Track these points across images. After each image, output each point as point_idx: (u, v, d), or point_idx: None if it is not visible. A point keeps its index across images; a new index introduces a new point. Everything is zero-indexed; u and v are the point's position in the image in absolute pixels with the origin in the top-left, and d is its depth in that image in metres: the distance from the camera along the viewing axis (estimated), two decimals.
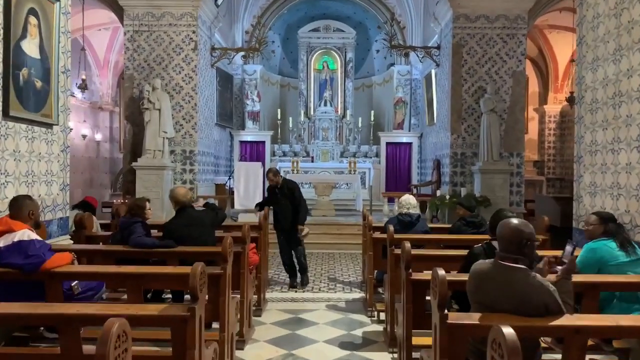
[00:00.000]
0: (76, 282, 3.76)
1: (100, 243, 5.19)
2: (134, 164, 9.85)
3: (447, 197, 9.40)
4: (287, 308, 5.57)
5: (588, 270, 3.72)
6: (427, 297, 3.13)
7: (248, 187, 9.82)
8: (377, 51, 13.57)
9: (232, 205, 9.98)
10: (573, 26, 11.87)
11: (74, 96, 13.02)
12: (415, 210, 5.57)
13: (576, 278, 2.99)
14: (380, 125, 15.76)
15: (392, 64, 15.61)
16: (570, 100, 11.79)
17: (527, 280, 2.46)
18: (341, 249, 9.53)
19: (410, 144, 14.87)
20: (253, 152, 14.95)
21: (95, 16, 12.28)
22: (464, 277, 2.92)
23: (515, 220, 2.68)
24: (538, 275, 2.51)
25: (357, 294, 6.17)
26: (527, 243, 2.55)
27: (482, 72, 10.21)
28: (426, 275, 3.40)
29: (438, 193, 9.83)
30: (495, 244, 3.28)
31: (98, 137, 14.70)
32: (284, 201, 6.63)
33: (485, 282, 2.59)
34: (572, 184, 6.03)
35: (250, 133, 14.81)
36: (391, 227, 4.57)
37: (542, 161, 15.05)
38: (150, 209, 4.90)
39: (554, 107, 14.94)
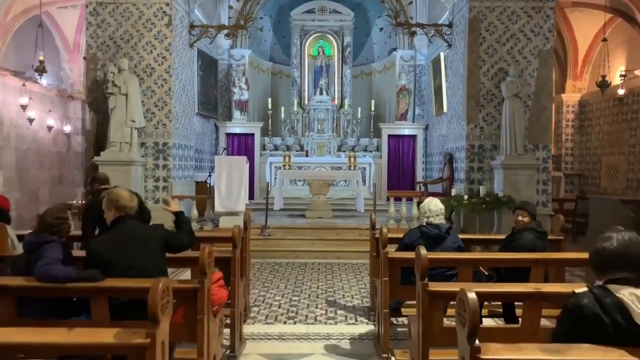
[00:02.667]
0: None
1: (9, 269, 3.73)
2: (95, 158, 8.39)
3: (466, 197, 8.00)
4: (272, 352, 4.14)
5: None
6: None
7: (231, 186, 8.38)
8: (381, 29, 12.15)
9: (213, 208, 8.54)
10: (604, 2, 10.49)
11: (36, 82, 11.51)
12: (443, 220, 4.17)
13: None
14: (381, 117, 14.34)
15: (394, 49, 14.18)
16: (602, 85, 10.42)
17: None
18: (341, 258, 8.13)
19: (414, 136, 13.46)
20: (241, 145, 13.51)
21: None
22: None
23: None
24: None
25: (365, 326, 4.76)
26: None
27: (503, 52, 8.80)
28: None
29: (454, 192, 8.44)
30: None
31: (67, 129, 13.19)
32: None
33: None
34: (593, 182, 4.65)
35: (238, 124, 13.35)
36: (422, 251, 3.14)
37: (559, 155, 13.69)
38: (71, 221, 3.46)
39: (572, 96, 13.56)
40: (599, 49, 12.26)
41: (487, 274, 4.03)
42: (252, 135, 13.50)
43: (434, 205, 4.16)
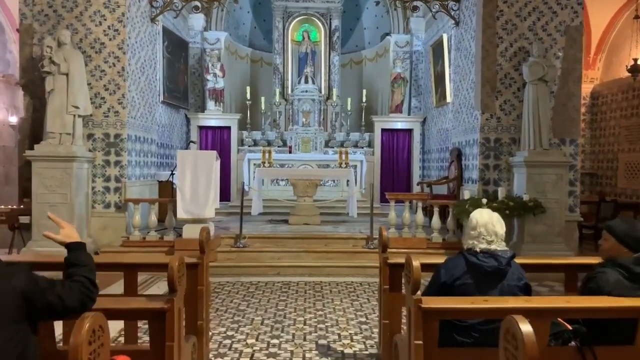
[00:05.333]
0: None
1: None
2: (28, 152, 6.77)
3: (484, 200, 6.57)
4: None
5: None
6: None
7: (197, 187, 6.84)
8: (377, 2, 10.59)
9: (175, 214, 6.99)
10: None
11: None
12: (503, 245, 2.71)
13: None
14: (373, 109, 12.90)
15: (387, 34, 12.75)
16: (634, 70, 9.12)
17: None
18: (331, 275, 6.65)
19: (410, 131, 12.05)
20: (215, 139, 11.95)
21: None
22: None
23: None
24: None
25: None
26: None
27: (524, 28, 7.41)
28: None
29: (465, 194, 7.02)
30: None
31: (14, 120, 11.48)
32: None
33: None
34: (608, 181, 3.22)
35: (212, 116, 11.77)
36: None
37: None
38: None
39: (583, 87, 12.27)
40: (617, 32, 11.00)
41: (571, 328, 2.60)
42: (229, 128, 11.94)
43: (497, 221, 2.71)
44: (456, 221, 7.25)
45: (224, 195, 11.28)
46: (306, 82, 12.30)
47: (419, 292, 2.46)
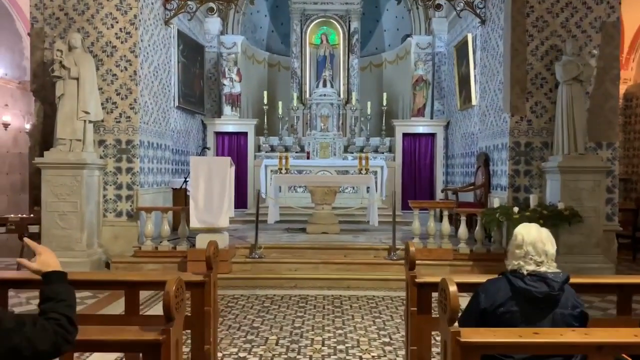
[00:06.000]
0: None
1: None
2: (37, 159, 6.56)
3: (515, 209, 6.14)
4: None
5: None
6: None
7: (211, 195, 6.54)
8: (398, 2, 10.19)
9: (188, 223, 6.69)
10: None
11: None
12: (555, 266, 2.31)
13: None
14: (394, 113, 12.48)
15: (408, 35, 12.36)
16: None
17: None
18: (351, 289, 6.27)
19: (433, 135, 11.61)
20: (232, 145, 11.69)
21: None
22: None
23: None
24: None
25: None
26: None
27: (557, 25, 6.96)
28: None
29: (495, 202, 6.56)
30: None
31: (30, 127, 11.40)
32: None
33: None
34: None
35: (229, 121, 11.51)
36: None
37: None
38: None
39: None
40: None
41: None
42: (245, 134, 11.66)
43: (547, 238, 2.32)
44: (485, 231, 6.81)
45: (241, 202, 11.01)
46: (324, 85, 11.96)
47: (456, 324, 2.07)
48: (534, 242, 2.31)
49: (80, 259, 6.43)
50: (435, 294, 2.54)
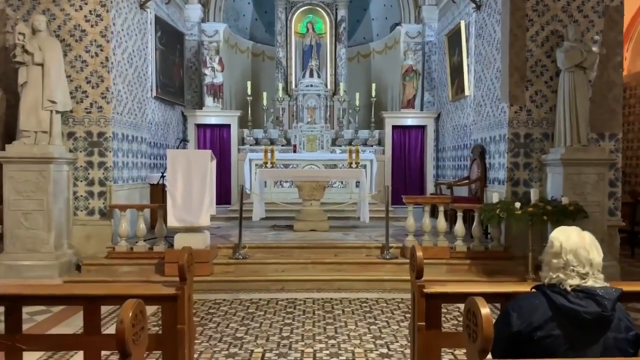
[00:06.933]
0: None
1: None
2: None
3: (517, 205, 5.75)
4: None
5: None
6: None
7: (190, 191, 6.04)
8: None
9: (165, 221, 6.19)
10: None
11: None
12: (602, 279, 1.90)
13: None
14: (383, 105, 12.07)
15: (397, 24, 11.91)
16: None
17: None
18: (342, 290, 5.85)
19: (423, 127, 11.22)
20: (214, 138, 11.15)
21: None
22: None
23: None
24: None
25: None
26: None
27: (558, 9, 6.58)
28: None
29: (494, 197, 6.17)
30: None
31: None
32: None
33: None
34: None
35: (210, 113, 10.97)
36: None
37: None
38: None
39: None
40: None
41: None
42: (228, 126, 11.14)
43: (591, 244, 1.91)
44: (483, 227, 6.43)
45: (224, 198, 10.51)
46: (311, 75, 11.49)
47: (489, 357, 1.65)
48: (576, 249, 1.89)
49: (48, 262, 5.91)
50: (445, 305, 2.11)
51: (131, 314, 1.65)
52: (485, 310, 1.66)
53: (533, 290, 1.98)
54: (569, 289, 1.84)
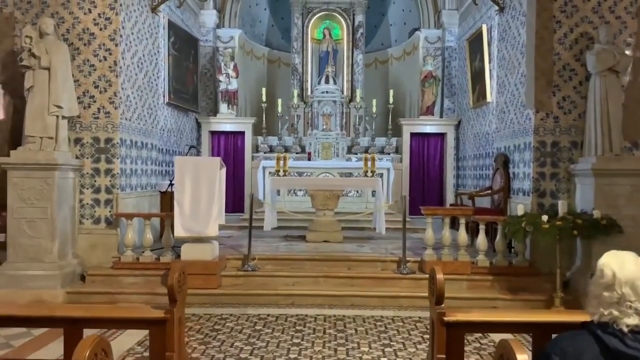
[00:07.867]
0: None
1: None
2: (1, 159, 5.83)
3: (545, 217, 5.36)
4: None
5: None
6: None
7: (198, 199, 5.80)
8: None
9: (173, 230, 5.95)
10: None
11: None
12: None
13: None
14: (401, 112, 11.74)
15: (416, 29, 11.60)
16: None
17: None
18: (355, 307, 5.52)
19: (443, 135, 10.85)
20: (228, 146, 10.95)
21: None
22: None
23: None
24: None
25: None
26: None
27: (588, 10, 6.20)
28: None
29: (519, 208, 5.79)
30: None
31: None
32: None
33: None
34: None
35: (224, 120, 10.78)
36: None
37: None
38: None
39: None
40: None
41: None
42: (243, 133, 10.92)
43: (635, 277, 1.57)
44: (507, 241, 6.05)
45: (237, 206, 10.28)
46: (327, 82, 11.23)
47: None
48: (634, 280, 1.56)
49: (51, 272, 5.70)
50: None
51: (88, 353, 1.37)
52: (522, 356, 1.33)
53: (581, 327, 1.64)
54: (625, 329, 1.50)
